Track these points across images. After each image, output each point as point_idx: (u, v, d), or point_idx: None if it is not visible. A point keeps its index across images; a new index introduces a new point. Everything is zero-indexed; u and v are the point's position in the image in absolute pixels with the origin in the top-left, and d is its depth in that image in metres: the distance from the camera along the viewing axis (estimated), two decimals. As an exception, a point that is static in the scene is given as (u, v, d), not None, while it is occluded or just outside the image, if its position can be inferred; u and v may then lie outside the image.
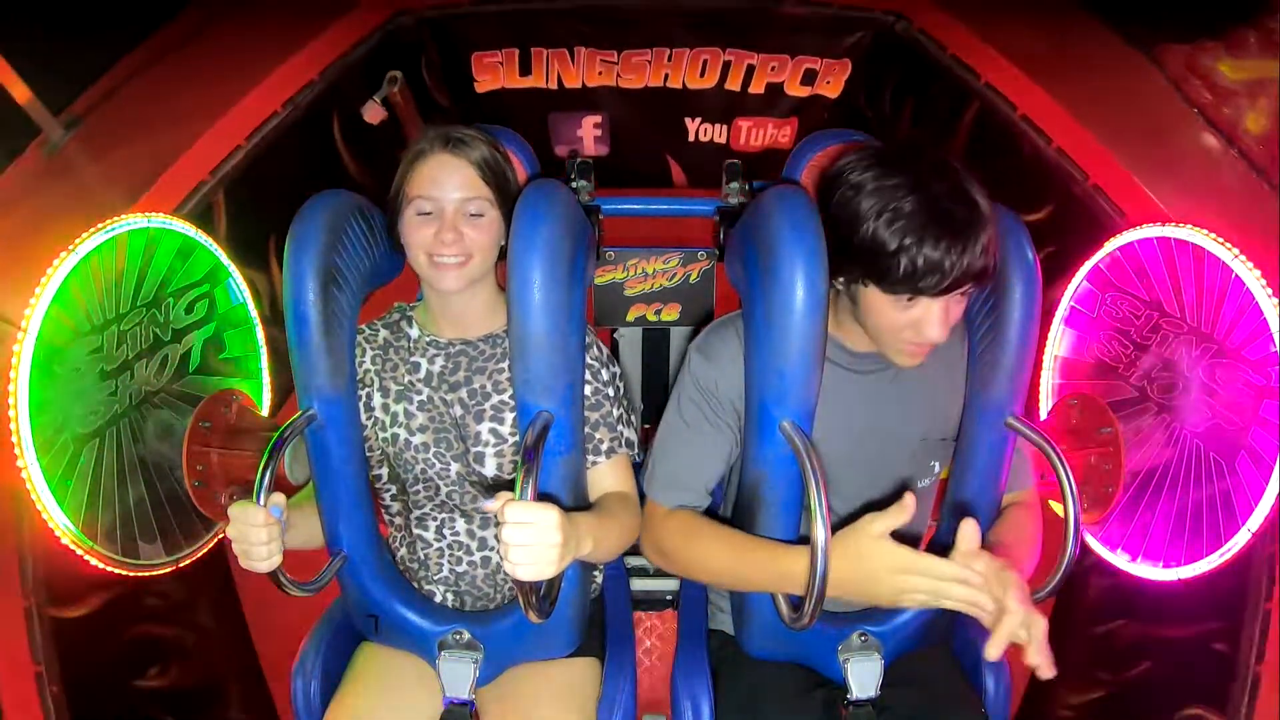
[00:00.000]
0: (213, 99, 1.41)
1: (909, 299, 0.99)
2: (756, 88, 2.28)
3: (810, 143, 1.28)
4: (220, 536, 1.41)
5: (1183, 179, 1.24)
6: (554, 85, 2.27)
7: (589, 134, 2.40)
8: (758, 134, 2.41)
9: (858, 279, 1.03)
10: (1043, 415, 1.41)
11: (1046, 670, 0.88)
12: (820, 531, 0.89)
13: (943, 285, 0.96)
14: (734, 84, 2.27)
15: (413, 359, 1.19)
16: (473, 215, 1.10)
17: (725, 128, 2.40)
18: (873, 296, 1.02)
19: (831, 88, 2.27)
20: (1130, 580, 1.25)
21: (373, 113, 1.91)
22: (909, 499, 0.90)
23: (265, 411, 1.51)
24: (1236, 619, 1.17)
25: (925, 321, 1.01)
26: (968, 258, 0.95)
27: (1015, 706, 1.33)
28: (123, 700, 1.31)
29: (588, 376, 1.15)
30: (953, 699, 1.19)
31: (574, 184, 1.61)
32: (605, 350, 1.20)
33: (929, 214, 0.95)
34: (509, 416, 1.15)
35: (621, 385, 1.22)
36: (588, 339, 1.16)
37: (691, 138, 2.42)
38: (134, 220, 1.20)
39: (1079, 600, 1.44)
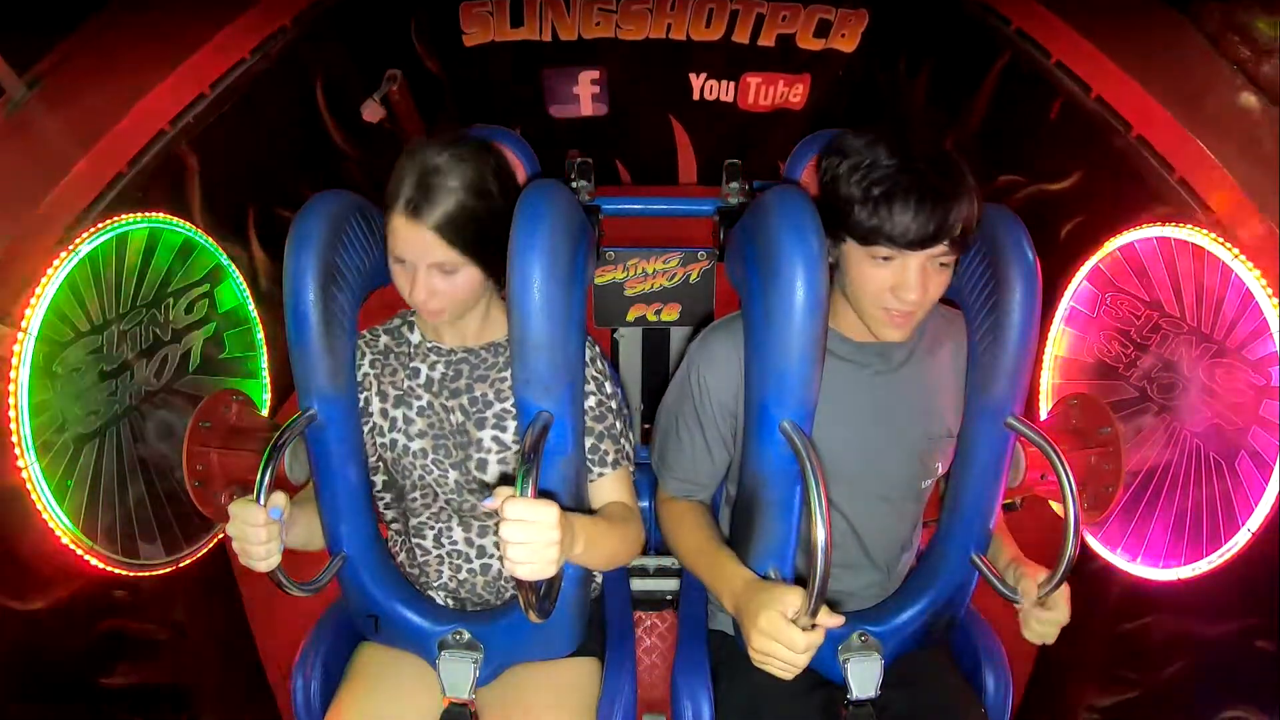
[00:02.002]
0: (177, 48, 1.31)
1: (885, 257, 1.01)
2: (766, 40, 2.10)
3: (810, 142, 1.27)
4: (220, 536, 1.41)
5: (1226, 138, 1.18)
6: (548, 37, 2.09)
7: (585, 92, 2.21)
8: (767, 92, 2.22)
9: (839, 237, 1.05)
10: (1043, 415, 1.41)
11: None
12: (820, 532, 0.89)
13: (911, 235, 0.98)
14: (742, 35, 2.09)
15: (413, 364, 1.19)
16: (447, 271, 1.05)
17: (732, 85, 2.22)
18: (852, 255, 1.05)
19: (847, 41, 2.09)
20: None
21: (371, 111, 1.84)
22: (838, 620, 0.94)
23: (264, 409, 1.52)
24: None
25: (901, 283, 1.02)
26: (938, 214, 0.97)
27: (1016, 703, 1.30)
28: (90, 699, 1.27)
29: (592, 388, 1.15)
30: (953, 699, 1.19)
31: (574, 184, 1.61)
32: (608, 363, 1.21)
33: (903, 167, 0.98)
34: (512, 425, 1.15)
35: (622, 400, 1.23)
36: (592, 352, 1.17)
37: (696, 95, 2.24)
38: (134, 220, 1.20)
39: (1101, 596, 1.40)
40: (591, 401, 1.14)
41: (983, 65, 1.69)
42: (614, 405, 1.18)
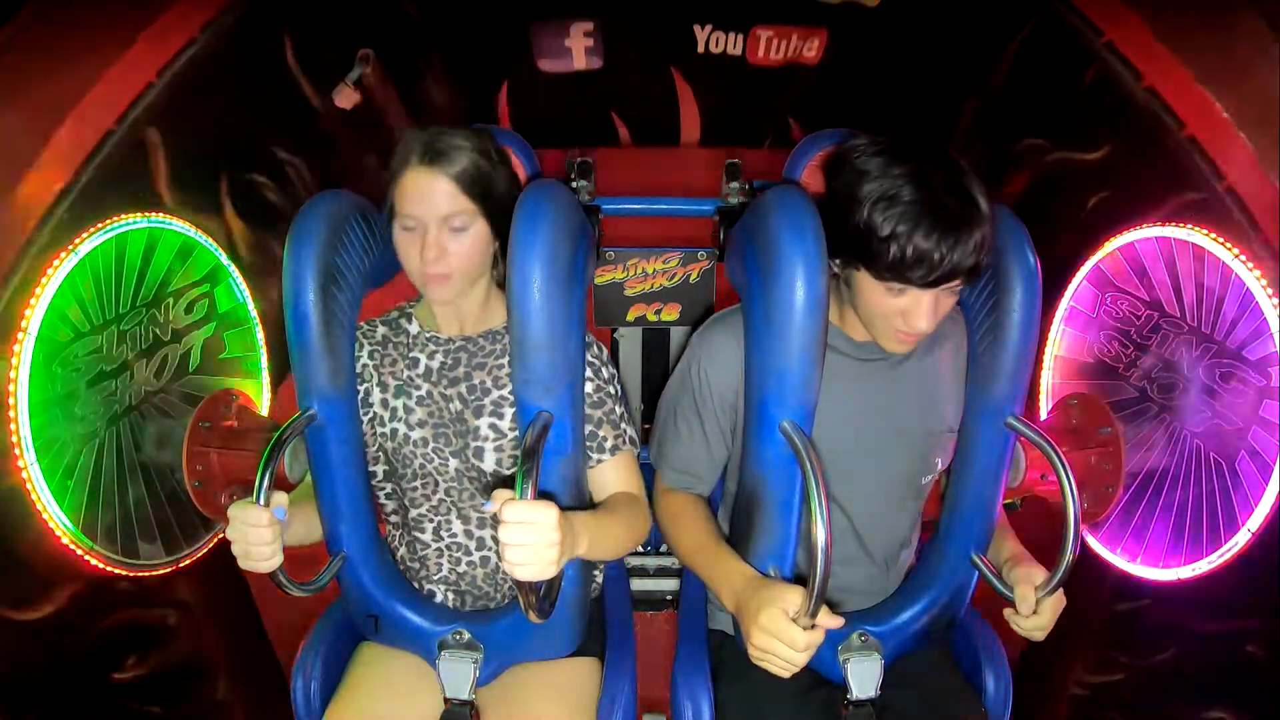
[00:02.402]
0: (122, 33, 1.21)
1: (898, 287, 1.00)
2: None
3: (810, 142, 1.28)
4: (220, 536, 1.41)
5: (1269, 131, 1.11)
6: None
7: (578, 45, 2.02)
8: (779, 45, 2.04)
9: (852, 262, 1.04)
10: (1043, 415, 1.41)
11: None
12: (820, 531, 0.90)
13: (930, 277, 0.97)
14: None
15: (412, 354, 1.19)
16: (456, 229, 1.07)
17: (741, 37, 2.03)
18: (864, 281, 1.04)
19: None
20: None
21: (345, 96, 1.70)
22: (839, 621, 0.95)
23: (264, 409, 1.52)
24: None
25: (913, 312, 1.02)
26: (958, 253, 0.95)
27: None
28: (101, 696, 1.25)
29: (589, 374, 1.15)
30: (952, 699, 1.19)
31: (574, 184, 1.61)
32: (604, 349, 1.21)
33: (925, 205, 0.95)
34: (509, 412, 1.15)
35: (621, 386, 1.23)
36: (588, 339, 1.17)
37: (701, 48, 2.05)
38: (134, 220, 1.20)
39: (1100, 596, 1.39)
40: (589, 388, 1.15)
41: (1013, 28, 1.58)
42: (612, 390, 1.19)
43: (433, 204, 1.05)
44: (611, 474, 1.17)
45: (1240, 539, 1.12)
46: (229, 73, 1.38)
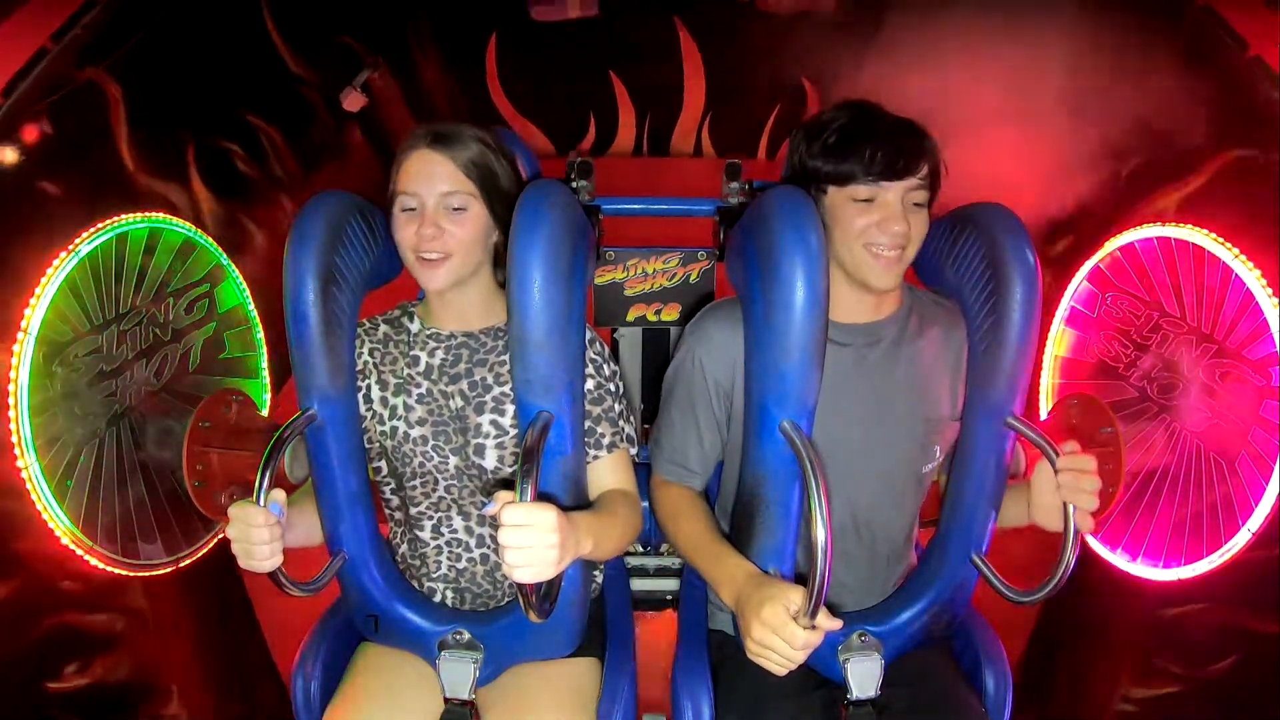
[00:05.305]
0: None
1: (865, 198, 1.07)
2: None
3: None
4: (220, 536, 1.41)
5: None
6: None
7: None
8: None
9: (822, 189, 1.11)
10: (1043, 415, 1.41)
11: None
12: (820, 531, 0.89)
13: (881, 164, 1.05)
14: None
15: (412, 352, 1.19)
16: (455, 210, 1.09)
17: None
18: (837, 202, 1.10)
19: None
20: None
21: (352, 99, 1.71)
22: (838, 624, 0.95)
23: (264, 409, 1.52)
24: None
25: (886, 219, 1.07)
26: (901, 142, 1.06)
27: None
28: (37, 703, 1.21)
29: (590, 371, 1.15)
30: (953, 699, 1.19)
31: (574, 184, 1.61)
32: (606, 347, 1.21)
33: (873, 117, 1.09)
34: (510, 408, 1.15)
35: (622, 384, 1.23)
36: (589, 335, 1.17)
37: None
38: (134, 220, 1.20)
39: (1099, 595, 1.35)
40: (590, 385, 1.15)
41: None
42: (612, 387, 1.19)
43: (434, 181, 1.08)
44: (607, 471, 1.17)
45: (1240, 539, 1.12)
46: (197, 28, 1.28)
